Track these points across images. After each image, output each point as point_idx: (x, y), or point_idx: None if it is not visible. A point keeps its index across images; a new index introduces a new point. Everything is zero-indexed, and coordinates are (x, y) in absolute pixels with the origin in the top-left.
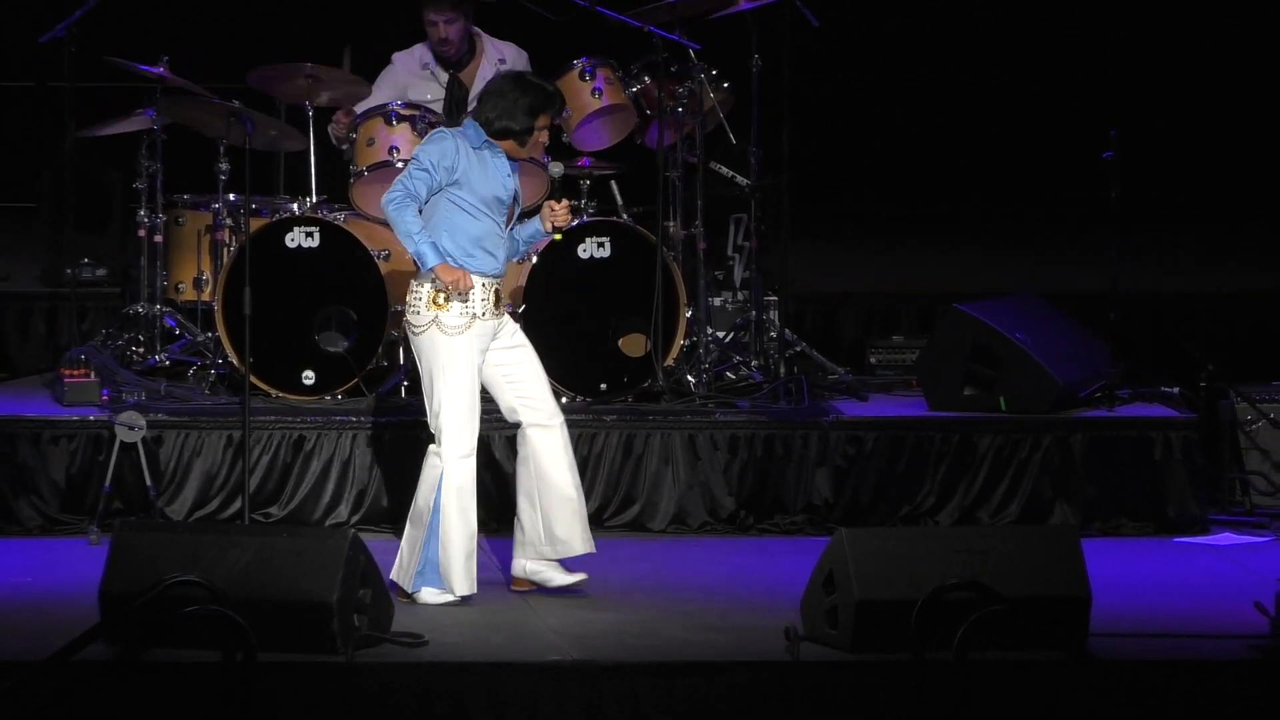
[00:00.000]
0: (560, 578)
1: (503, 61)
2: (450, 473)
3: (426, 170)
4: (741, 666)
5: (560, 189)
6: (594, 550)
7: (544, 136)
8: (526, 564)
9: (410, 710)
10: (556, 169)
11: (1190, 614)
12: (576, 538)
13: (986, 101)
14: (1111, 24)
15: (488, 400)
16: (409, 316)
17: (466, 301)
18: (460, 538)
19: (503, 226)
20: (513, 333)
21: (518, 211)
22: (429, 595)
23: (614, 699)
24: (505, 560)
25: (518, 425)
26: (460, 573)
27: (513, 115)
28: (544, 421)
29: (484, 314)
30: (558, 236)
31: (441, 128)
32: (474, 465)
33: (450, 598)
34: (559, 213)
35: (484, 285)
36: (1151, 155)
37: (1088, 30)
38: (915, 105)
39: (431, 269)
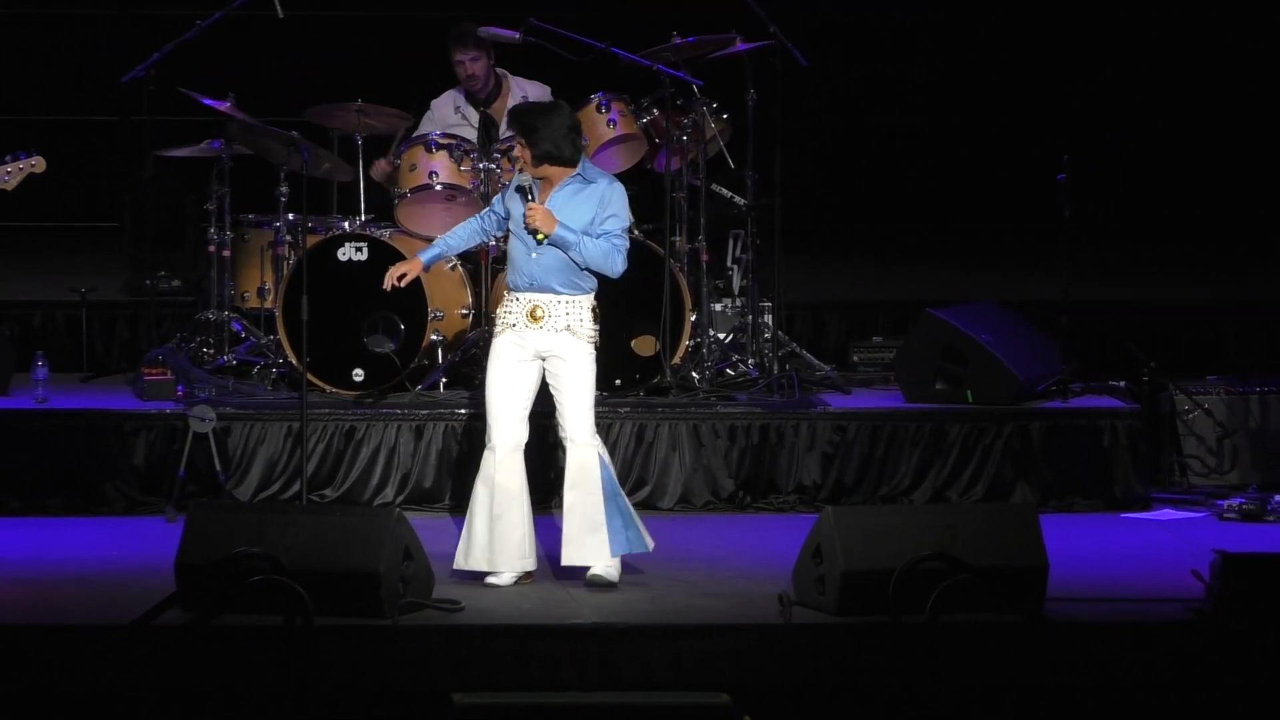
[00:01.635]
0: (592, 574)
1: (524, 98)
2: (484, 463)
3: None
4: (740, 629)
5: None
6: (589, 563)
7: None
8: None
9: (448, 667)
10: (523, 179)
11: (1135, 581)
12: (573, 550)
13: (954, 131)
14: (1065, 63)
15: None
16: None
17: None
18: (476, 520)
19: (529, 246)
20: (565, 355)
21: (524, 228)
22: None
23: (628, 658)
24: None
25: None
26: (462, 549)
27: None
28: (569, 439)
29: (515, 325)
30: (539, 238)
31: None
32: (496, 458)
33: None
34: (528, 214)
35: (517, 300)
36: (1100, 179)
37: (1044, 68)
38: (892, 135)
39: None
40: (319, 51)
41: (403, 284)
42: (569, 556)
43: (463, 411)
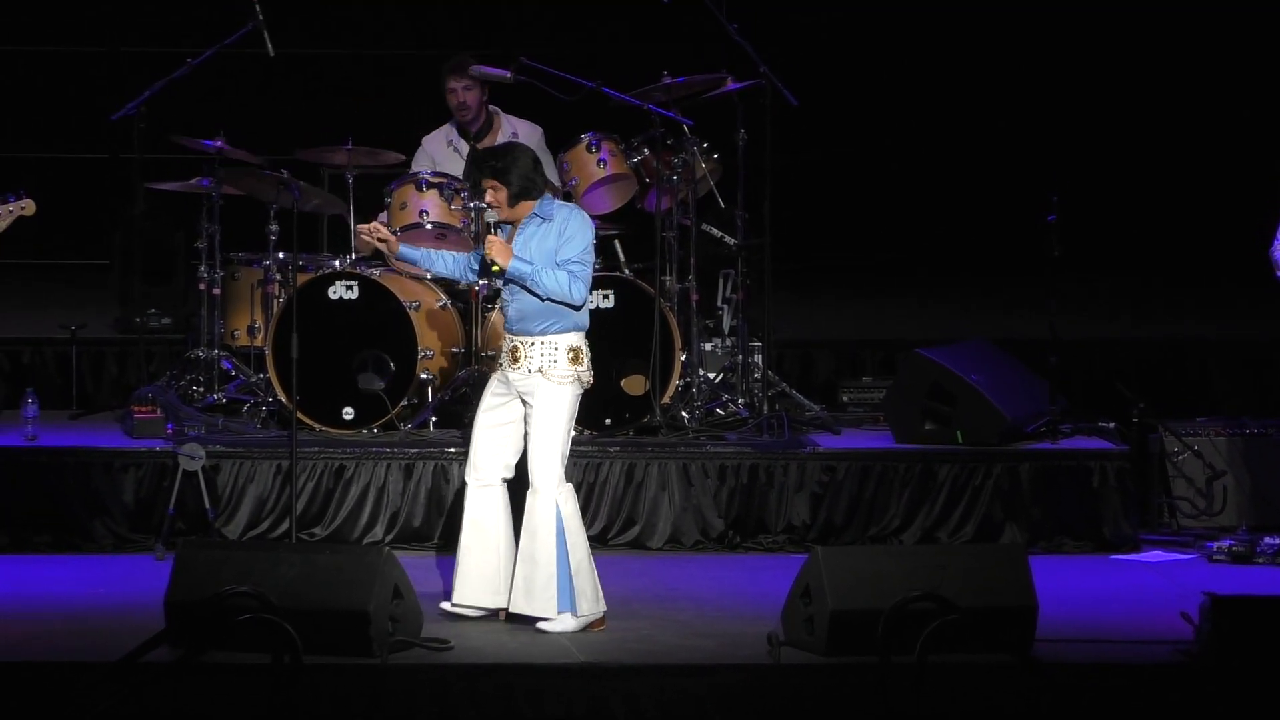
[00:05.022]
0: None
1: (514, 135)
2: (465, 498)
3: None
4: (729, 669)
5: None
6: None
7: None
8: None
9: (437, 706)
10: (490, 215)
11: (1124, 622)
12: (519, 598)
13: (944, 171)
14: (1052, 101)
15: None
16: None
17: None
18: (460, 552)
19: (513, 291)
20: (535, 399)
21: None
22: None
23: (616, 696)
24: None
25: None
26: (456, 581)
27: None
28: (530, 484)
29: (502, 364)
30: (495, 269)
31: None
32: (470, 494)
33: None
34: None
35: (504, 340)
36: (1088, 217)
37: (1033, 106)
38: (882, 175)
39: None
40: (310, 88)
41: (371, 238)
42: (515, 604)
43: (452, 450)
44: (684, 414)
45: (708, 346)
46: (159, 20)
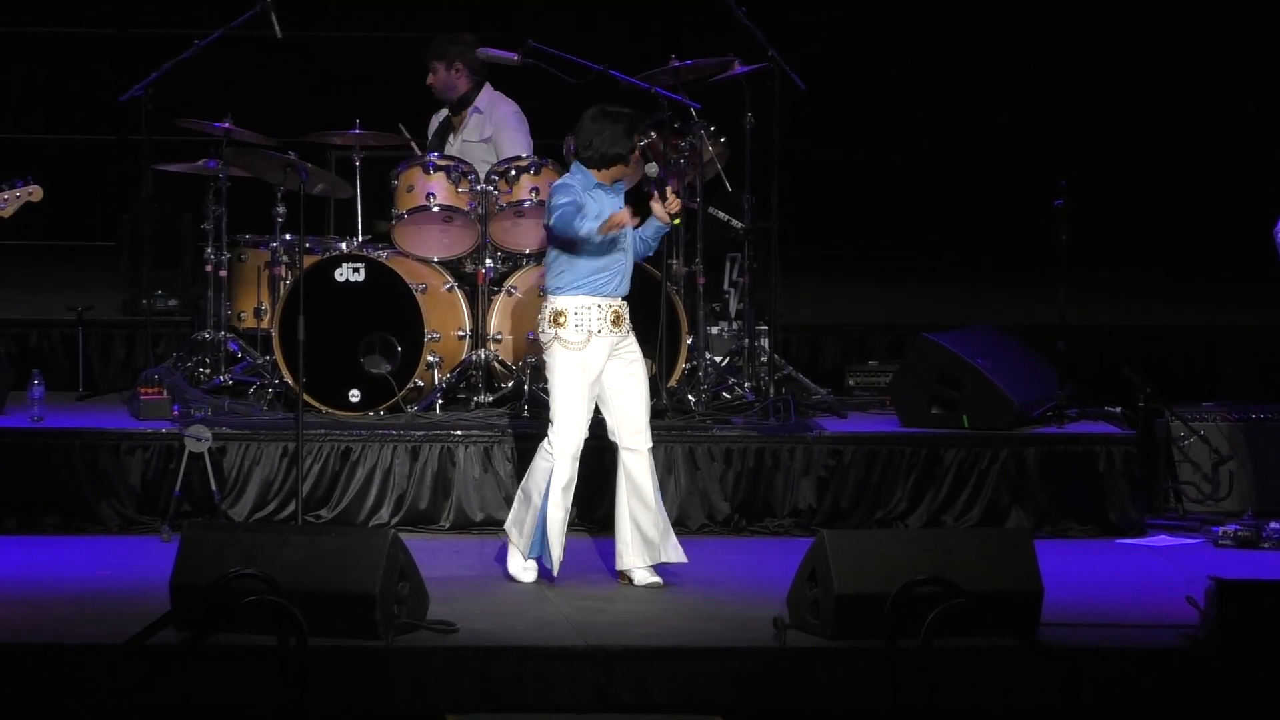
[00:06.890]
0: (644, 577)
1: (478, 110)
2: (558, 470)
3: (572, 200)
4: (735, 652)
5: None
6: (683, 559)
7: (636, 153)
8: (624, 561)
9: (442, 689)
10: (653, 169)
11: (1129, 607)
12: (666, 547)
13: (951, 154)
14: (1060, 89)
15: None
16: (538, 332)
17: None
18: (556, 524)
19: (626, 254)
20: (631, 358)
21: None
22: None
23: (622, 680)
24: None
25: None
26: (554, 551)
27: (616, 141)
28: (633, 445)
29: (600, 331)
30: (676, 222)
31: (561, 179)
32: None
33: (533, 575)
34: (671, 204)
35: (600, 306)
36: (1096, 203)
37: (1041, 94)
38: (889, 158)
39: (596, 231)
40: (317, 71)
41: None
42: (654, 556)
43: (459, 433)
44: (690, 397)
45: (714, 330)
46: (166, 2)
